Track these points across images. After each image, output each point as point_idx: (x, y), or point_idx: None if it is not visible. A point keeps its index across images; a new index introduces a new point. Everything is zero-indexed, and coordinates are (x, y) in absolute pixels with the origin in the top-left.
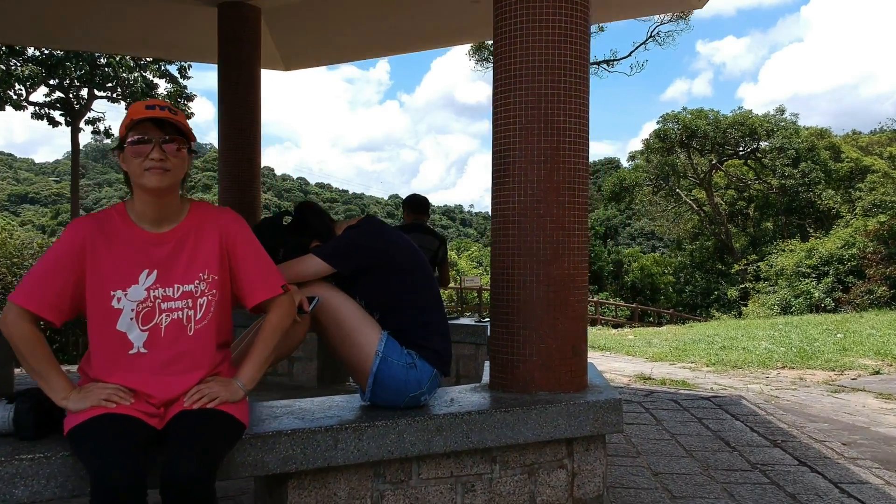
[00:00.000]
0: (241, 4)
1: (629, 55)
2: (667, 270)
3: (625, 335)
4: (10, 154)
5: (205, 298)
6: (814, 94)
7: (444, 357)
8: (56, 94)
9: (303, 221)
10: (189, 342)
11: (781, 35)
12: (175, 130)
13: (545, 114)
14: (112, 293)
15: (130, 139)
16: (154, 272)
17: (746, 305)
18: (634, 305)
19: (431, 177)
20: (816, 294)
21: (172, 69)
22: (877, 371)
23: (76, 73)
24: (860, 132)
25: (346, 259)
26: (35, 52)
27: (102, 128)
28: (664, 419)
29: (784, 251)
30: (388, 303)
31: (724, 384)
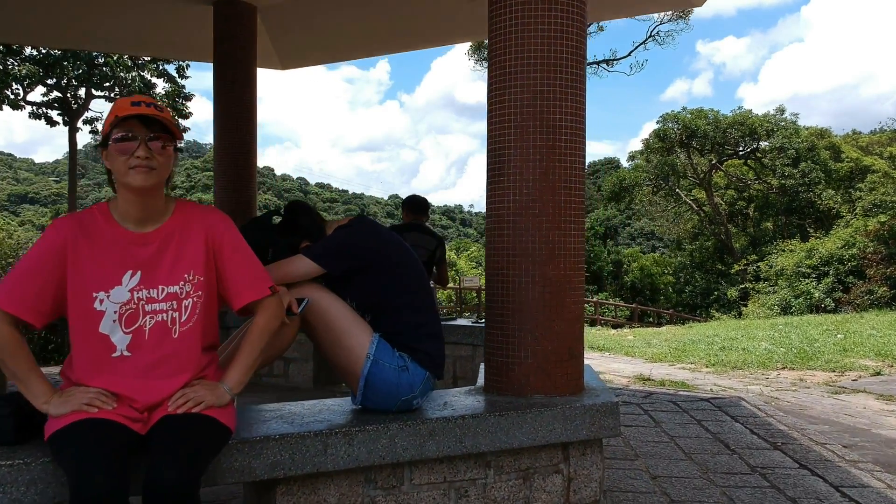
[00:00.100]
0: (237, 2)
1: (629, 55)
2: (666, 270)
3: (624, 335)
4: (10, 154)
5: (190, 300)
6: (814, 94)
7: (438, 360)
8: (54, 94)
9: (292, 221)
10: (174, 345)
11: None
12: (161, 128)
13: (541, 111)
14: (94, 295)
15: (115, 136)
16: (138, 273)
17: (746, 306)
18: (634, 306)
19: (431, 177)
20: (816, 294)
21: (170, 69)
22: (877, 372)
23: (74, 73)
24: (860, 132)
25: (337, 259)
26: (32, 52)
27: (100, 127)
28: (663, 421)
29: (784, 251)
30: (380, 304)
31: (724, 385)
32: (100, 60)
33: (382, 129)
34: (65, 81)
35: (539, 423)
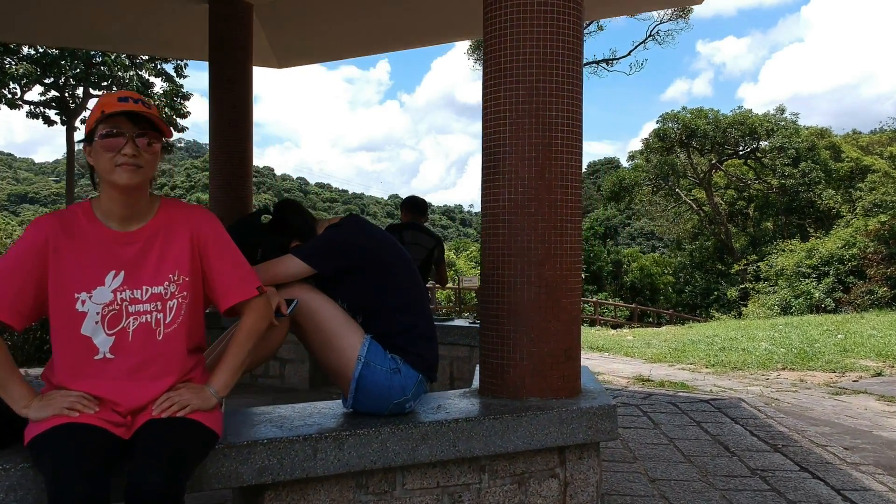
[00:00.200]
0: (233, 0)
1: (628, 54)
2: (666, 270)
3: (624, 336)
4: (10, 154)
5: (175, 301)
6: (814, 95)
7: (430, 362)
8: (51, 93)
9: (282, 220)
10: (158, 347)
11: (782, 35)
12: (148, 125)
13: (536, 108)
14: (76, 295)
15: (102, 132)
16: (121, 273)
17: (746, 306)
18: (634, 306)
19: (431, 177)
20: (817, 294)
21: (169, 68)
22: (878, 373)
23: (71, 72)
24: (860, 132)
25: (327, 259)
26: (30, 51)
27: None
28: (662, 423)
29: (784, 251)
30: (371, 305)
31: (724, 386)
32: (97, 60)
33: (382, 129)
34: (62, 80)
35: (535, 427)
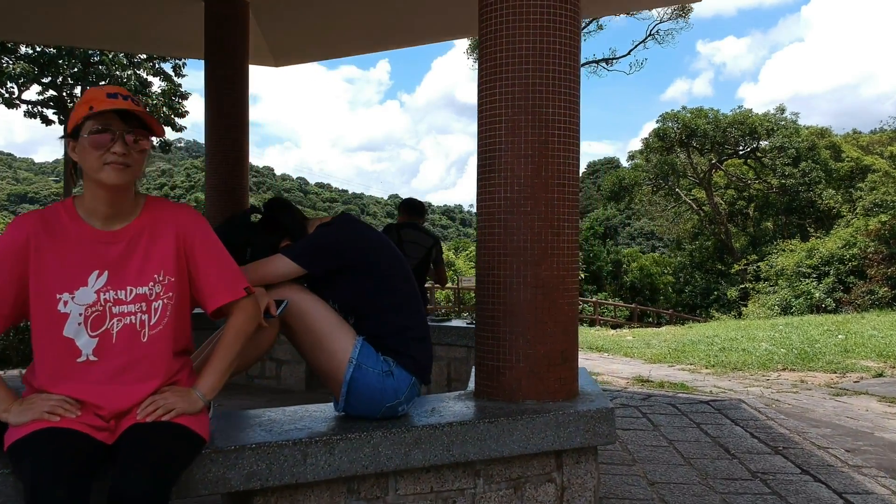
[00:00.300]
0: None
1: (628, 53)
2: (666, 270)
3: (623, 336)
4: (10, 154)
5: (160, 302)
6: (814, 94)
7: (424, 364)
8: (49, 93)
9: (272, 219)
10: (143, 349)
11: (782, 35)
12: (138, 123)
13: (533, 105)
14: (58, 296)
15: (91, 129)
16: (104, 273)
17: (746, 306)
18: (633, 306)
19: (431, 177)
20: (817, 294)
21: (167, 67)
22: (880, 373)
23: (69, 71)
24: (860, 132)
25: (317, 259)
26: (27, 50)
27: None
28: (662, 424)
29: (784, 251)
30: (363, 306)
31: (724, 387)
32: (95, 59)
33: (382, 129)
34: (60, 80)
35: (531, 431)
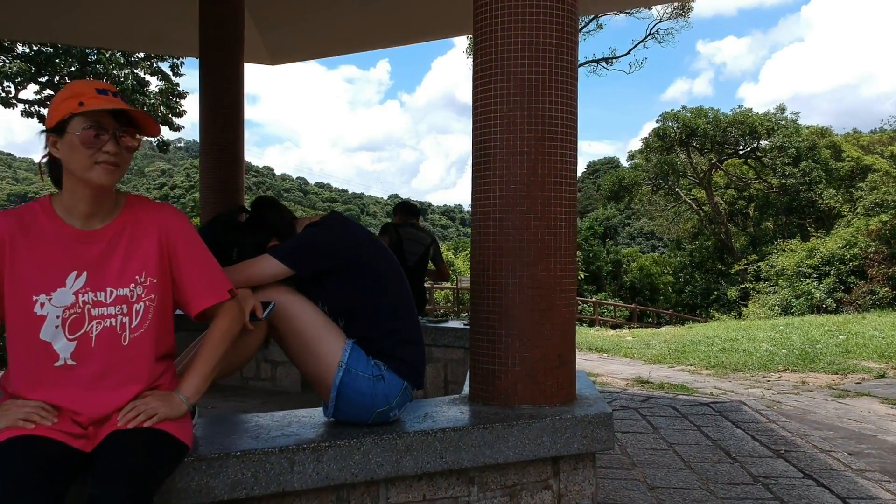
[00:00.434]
0: None
1: (628, 53)
2: (666, 270)
3: (623, 336)
4: (10, 154)
5: (141, 304)
6: (814, 94)
7: (417, 368)
8: (46, 92)
9: (259, 218)
10: (124, 353)
11: (782, 35)
12: (127, 120)
13: (529, 101)
14: (34, 298)
15: (84, 126)
16: (83, 274)
17: (746, 306)
18: (633, 306)
19: (431, 177)
20: (817, 294)
21: (165, 66)
22: (882, 374)
23: (66, 70)
24: (861, 132)
25: (305, 259)
26: (24, 49)
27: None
28: (662, 427)
29: (784, 251)
30: (353, 308)
31: (725, 388)
32: (92, 58)
33: (383, 129)
34: (57, 79)
35: (527, 436)
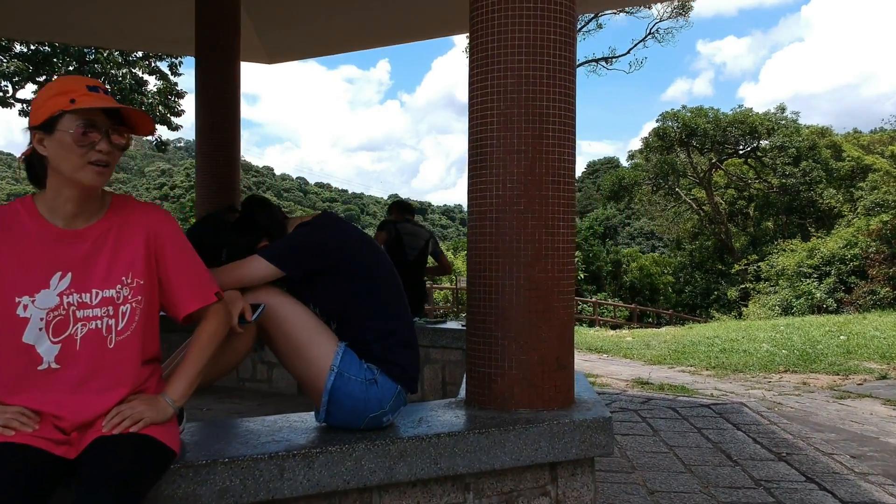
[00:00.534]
0: None
1: (628, 52)
2: (666, 270)
3: (623, 337)
4: (10, 153)
5: (128, 306)
6: (815, 94)
7: (410, 372)
8: None
9: (249, 218)
10: (109, 356)
11: (782, 35)
12: (117, 118)
13: (526, 98)
14: (17, 299)
15: (76, 124)
16: (68, 275)
17: (747, 306)
18: (633, 306)
19: (431, 177)
20: (818, 295)
21: (163, 66)
22: (883, 376)
23: (64, 70)
24: (861, 132)
25: (296, 260)
26: (22, 48)
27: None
28: (662, 429)
29: (785, 251)
30: (346, 310)
31: (725, 389)
32: (90, 57)
33: (383, 129)
34: (55, 78)
35: (524, 442)
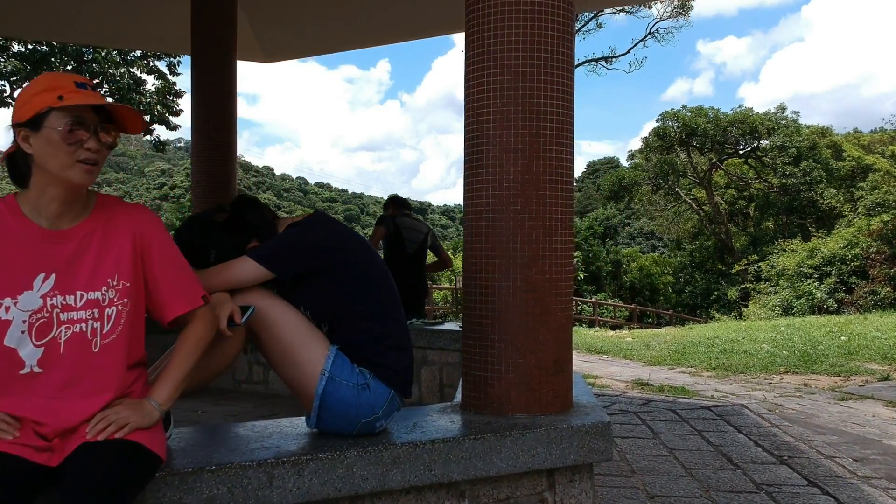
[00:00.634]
0: None
1: (628, 52)
2: (666, 270)
3: (622, 337)
4: None
5: (113, 308)
6: (815, 94)
7: (404, 376)
8: None
9: (239, 218)
10: (94, 360)
11: (782, 35)
12: (106, 116)
13: (523, 95)
14: None
15: (65, 121)
16: (52, 276)
17: (747, 306)
18: (633, 306)
19: (431, 177)
20: (819, 295)
21: (161, 65)
22: (885, 377)
23: (62, 69)
24: (861, 131)
25: (286, 261)
26: (20, 48)
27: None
28: (662, 432)
29: (785, 251)
30: (338, 312)
31: (726, 391)
32: (88, 57)
33: (383, 129)
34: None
35: (521, 448)
